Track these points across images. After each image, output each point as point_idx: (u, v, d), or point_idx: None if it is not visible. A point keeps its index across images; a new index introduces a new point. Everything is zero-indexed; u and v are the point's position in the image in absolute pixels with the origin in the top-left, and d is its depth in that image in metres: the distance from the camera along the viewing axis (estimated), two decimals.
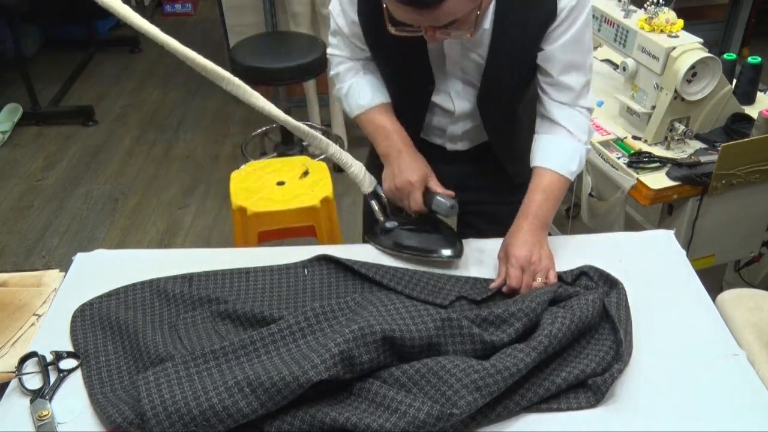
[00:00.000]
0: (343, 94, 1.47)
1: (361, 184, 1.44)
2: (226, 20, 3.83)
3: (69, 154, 3.72)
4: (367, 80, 1.45)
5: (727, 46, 4.06)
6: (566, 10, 1.26)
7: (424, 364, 1.05)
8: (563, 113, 1.36)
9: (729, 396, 1.09)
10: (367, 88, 1.44)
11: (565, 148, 1.36)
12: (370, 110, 1.44)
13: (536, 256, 1.29)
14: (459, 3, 1.10)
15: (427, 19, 1.12)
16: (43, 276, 1.39)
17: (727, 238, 1.98)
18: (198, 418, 0.97)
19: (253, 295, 1.31)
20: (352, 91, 1.45)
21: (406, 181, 1.35)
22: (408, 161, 1.38)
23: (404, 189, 1.36)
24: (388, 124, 1.42)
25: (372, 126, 1.44)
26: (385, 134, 1.42)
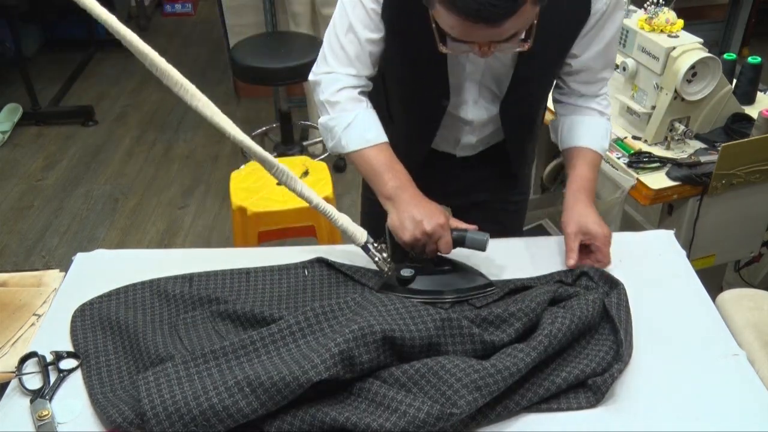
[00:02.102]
0: (344, 123, 1.31)
1: (352, 237, 1.31)
2: (226, 20, 3.83)
3: (69, 154, 3.72)
4: (372, 114, 1.35)
5: (727, 46, 4.06)
6: (599, 13, 1.26)
7: (424, 364, 1.05)
8: (594, 99, 1.41)
9: (729, 396, 1.09)
10: (374, 122, 1.33)
11: (600, 127, 1.41)
12: (378, 146, 1.31)
13: (605, 229, 1.32)
14: (522, 18, 1.06)
15: (492, 34, 1.08)
16: (43, 276, 1.39)
17: (727, 238, 1.98)
18: (198, 418, 0.97)
19: (253, 295, 1.31)
20: (358, 122, 1.31)
21: (437, 225, 1.24)
22: (427, 204, 1.27)
23: (436, 234, 1.24)
24: (395, 164, 1.31)
25: (376, 163, 1.31)
26: (393, 174, 1.30)
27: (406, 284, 1.27)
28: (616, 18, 1.30)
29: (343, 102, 1.32)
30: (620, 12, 1.30)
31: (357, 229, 1.32)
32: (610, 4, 1.26)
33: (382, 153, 1.31)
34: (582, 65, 1.35)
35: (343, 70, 1.33)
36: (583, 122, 1.42)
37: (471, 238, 1.25)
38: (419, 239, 1.25)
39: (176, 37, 5.05)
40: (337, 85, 1.32)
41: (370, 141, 1.31)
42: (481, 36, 1.08)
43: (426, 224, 1.23)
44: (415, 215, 1.25)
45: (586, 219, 1.32)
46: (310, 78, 1.38)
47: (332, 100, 1.32)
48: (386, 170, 1.30)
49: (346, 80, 1.33)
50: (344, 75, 1.33)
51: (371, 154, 1.31)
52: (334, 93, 1.32)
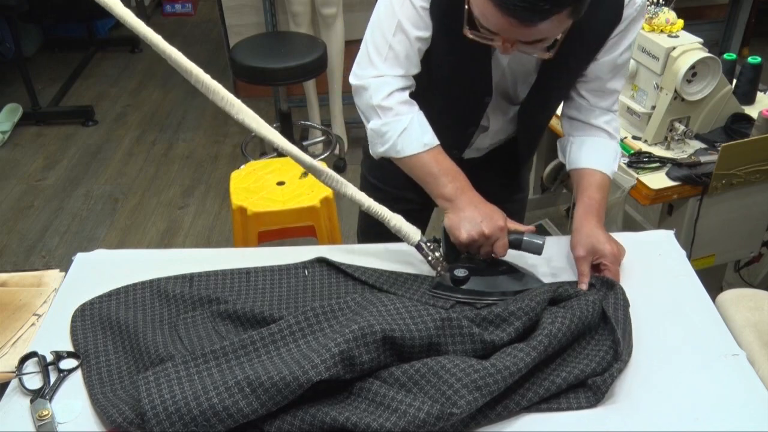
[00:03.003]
0: (401, 128, 1.30)
1: (406, 236, 1.31)
2: (226, 20, 3.83)
3: (69, 154, 3.72)
4: (424, 117, 1.33)
5: (727, 46, 4.06)
6: (627, 19, 1.25)
7: (424, 364, 1.05)
8: (603, 117, 1.39)
9: (729, 396, 1.09)
10: (428, 126, 1.32)
11: (610, 151, 1.39)
12: (434, 149, 1.31)
13: (615, 247, 1.30)
14: (554, 26, 1.06)
15: (521, 33, 1.08)
16: (43, 276, 1.39)
17: (727, 238, 1.98)
18: (198, 418, 0.97)
19: (253, 295, 1.31)
20: (414, 125, 1.30)
21: (497, 227, 1.24)
22: (486, 206, 1.27)
23: (494, 236, 1.24)
24: (453, 165, 1.31)
25: (435, 166, 1.30)
26: (453, 175, 1.30)
27: (459, 284, 1.27)
28: (638, 26, 1.29)
29: (395, 107, 1.30)
30: (641, 21, 1.29)
31: (410, 228, 1.32)
32: (639, 11, 1.25)
33: (439, 156, 1.31)
34: (596, 72, 1.33)
35: (393, 72, 1.30)
36: (592, 144, 1.39)
37: (528, 242, 1.26)
38: (476, 240, 1.25)
39: (176, 37, 5.04)
40: (388, 89, 1.30)
41: (427, 145, 1.30)
42: (510, 32, 1.08)
43: (485, 226, 1.24)
44: (475, 216, 1.25)
45: (594, 239, 1.29)
46: (353, 82, 1.34)
47: (384, 105, 1.30)
48: (445, 173, 1.30)
49: (396, 83, 1.31)
50: (393, 77, 1.30)
51: (428, 158, 1.30)
52: (386, 97, 1.30)
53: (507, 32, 1.09)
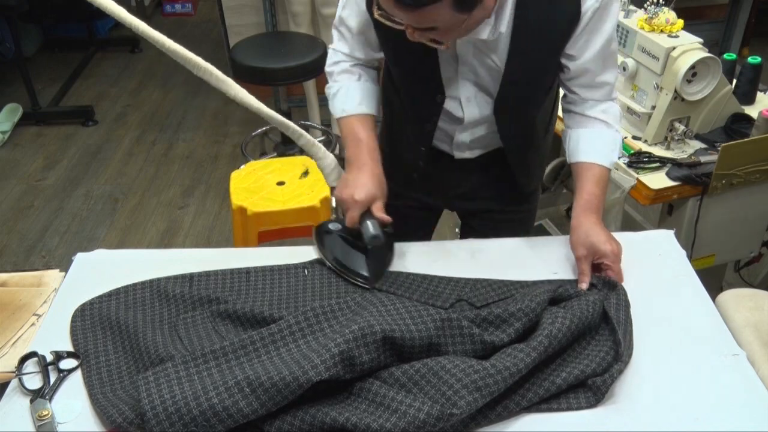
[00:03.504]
0: (332, 93, 1.45)
1: (327, 177, 1.50)
2: (226, 20, 3.83)
3: (69, 154, 3.72)
4: (359, 86, 1.44)
5: (727, 46, 4.06)
6: (591, 11, 1.23)
7: (424, 364, 1.05)
8: (599, 107, 1.37)
9: (729, 396, 1.09)
10: (357, 94, 1.43)
11: (606, 140, 1.37)
12: (352, 117, 1.42)
13: (613, 246, 1.30)
14: (442, 12, 1.07)
15: (407, 17, 1.11)
16: (43, 276, 1.39)
17: (727, 238, 1.98)
18: (198, 418, 0.97)
19: (253, 295, 1.31)
20: (341, 93, 1.43)
21: (350, 196, 1.32)
22: (365, 178, 1.34)
23: (347, 202, 1.33)
24: (362, 134, 1.40)
25: (347, 131, 1.42)
26: (356, 143, 1.39)
27: (324, 233, 1.40)
28: (610, 15, 1.26)
29: (335, 73, 1.46)
30: (613, 8, 1.26)
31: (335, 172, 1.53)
32: (601, 2, 1.23)
33: (355, 122, 1.42)
34: (581, 67, 1.32)
35: (341, 48, 1.45)
36: (589, 135, 1.38)
37: (364, 226, 1.32)
38: (338, 199, 1.37)
39: (176, 37, 5.01)
40: (335, 58, 1.47)
41: (346, 111, 1.42)
42: (398, 15, 1.12)
43: (345, 191, 1.34)
44: (349, 181, 1.36)
45: (594, 239, 1.30)
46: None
47: (328, 70, 1.48)
48: (353, 138, 1.41)
49: (342, 56, 1.45)
50: (341, 53, 1.45)
51: (345, 122, 1.43)
52: (331, 64, 1.47)
53: (397, 15, 1.12)
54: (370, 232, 1.30)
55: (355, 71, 1.45)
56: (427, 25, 1.12)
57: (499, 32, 1.23)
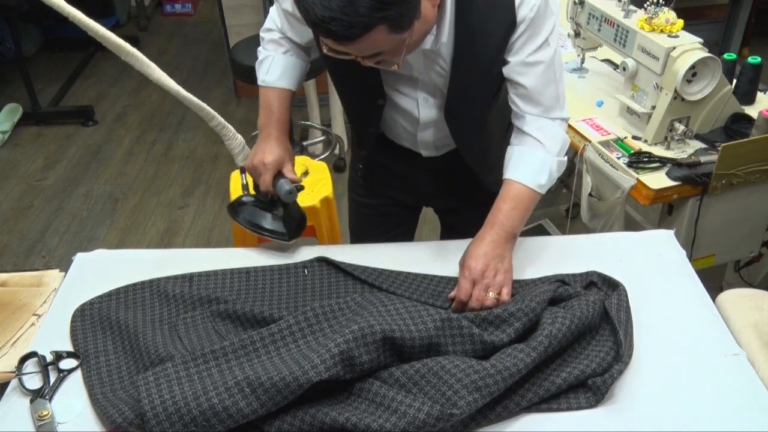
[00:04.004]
0: (259, 60, 1.48)
1: (235, 156, 1.59)
2: (226, 20, 3.83)
3: (69, 154, 3.72)
4: (283, 60, 1.46)
5: (727, 46, 4.05)
6: (527, 20, 1.23)
7: (424, 365, 1.05)
8: (535, 124, 1.32)
9: (729, 396, 1.09)
10: (279, 67, 1.45)
11: (535, 160, 1.31)
12: (269, 88, 1.46)
13: (492, 270, 1.24)
14: (380, 38, 1.06)
15: (349, 49, 1.10)
16: (43, 276, 1.39)
17: (727, 238, 1.98)
18: (198, 419, 0.97)
19: (253, 295, 1.31)
20: (265, 63, 1.46)
21: (261, 161, 1.38)
22: (272, 145, 1.41)
23: (258, 168, 1.39)
24: (274, 107, 1.45)
25: (263, 101, 1.46)
26: (267, 114, 1.45)
27: (239, 206, 1.45)
28: (544, 27, 1.24)
29: (265, 40, 1.48)
30: (547, 21, 1.24)
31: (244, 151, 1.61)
32: (537, 11, 1.22)
33: (271, 93, 1.45)
34: (517, 76, 1.29)
35: (275, 20, 1.47)
36: (519, 153, 1.33)
37: (278, 185, 1.39)
38: (250, 169, 1.42)
39: (176, 37, 5.04)
40: (269, 25, 1.48)
41: (266, 82, 1.46)
42: (342, 48, 1.10)
43: (255, 159, 1.40)
44: (257, 149, 1.42)
45: (470, 249, 1.28)
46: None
47: (261, 34, 1.49)
48: (266, 107, 1.46)
49: (275, 27, 1.47)
50: (275, 24, 1.47)
51: (263, 92, 1.47)
52: (265, 30, 1.48)
53: (338, 47, 1.10)
54: (285, 189, 1.37)
55: (284, 44, 1.46)
56: (371, 53, 1.12)
57: (442, 42, 1.24)
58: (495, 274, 1.24)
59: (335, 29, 1.02)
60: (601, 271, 1.30)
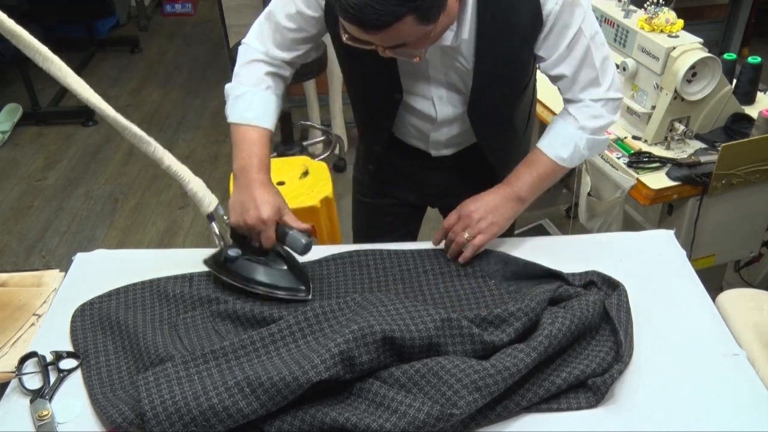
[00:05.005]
0: (234, 95, 1.35)
1: (199, 203, 1.31)
2: (226, 20, 3.83)
3: (69, 154, 3.72)
4: (265, 98, 1.36)
5: (727, 46, 4.05)
6: (553, 14, 1.23)
7: (424, 364, 1.05)
8: (575, 104, 1.35)
9: (729, 396, 1.09)
10: (260, 105, 1.35)
11: (563, 133, 1.35)
12: (250, 127, 1.34)
13: (480, 214, 1.29)
14: (407, 28, 1.06)
15: (374, 38, 1.09)
16: (43, 276, 1.39)
17: (727, 238, 1.98)
18: (198, 419, 0.97)
19: (253, 295, 1.31)
20: (245, 99, 1.34)
21: (258, 219, 1.25)
22: (261, 193, 1.27)
23: (257, 227, 1.26)
24: (258, 147, 1.33)
25: (240, 140, 1.33)
26: (247, 156, 1.31)
27: (226, 263, 1.29)
28: (574, 17, 1.24)
29: (243, 76, 1.36)
30: (577, 10, 1.24)
31: (207, 195, 1.33)
32: (563, 4, 1.22)
33: (250, 133, 1.33)
34: (553, 69, 1.31)
35: (255, 46, 1.37)
36: (551, 124, 1.38)
37: (292, 238, 1.26)
38: (241, 226, 1.28)
39: (176, 37, 5.04)
40: (248, 57, 1.37)
41: (245, 119, 1.33)
42: (364, 36, 1.09)
43: (248, 216, 1.26)
44: (245, 202, 1.27)
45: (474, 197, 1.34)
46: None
47: (237, 71, 1.38)
48: (245, 149, 1.32)
49: (257, 55, 1.36)
50: (255, 50, 1.37)
51: (240, 131, 1.34)
52: (243, 65, 1.37)
53: (363, 36, 1.09)
54: (301, 242, 1.25)
55: (266, 80, 1.37)
56: (395, 43, 1.11)
57: (463, 38, 1.23)
58: (480, 219, 1.30)
59: (366, 18, 1.02)
60: (601, 271, 1.30)
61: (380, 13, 1.01)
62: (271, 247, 1.28)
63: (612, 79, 1.33)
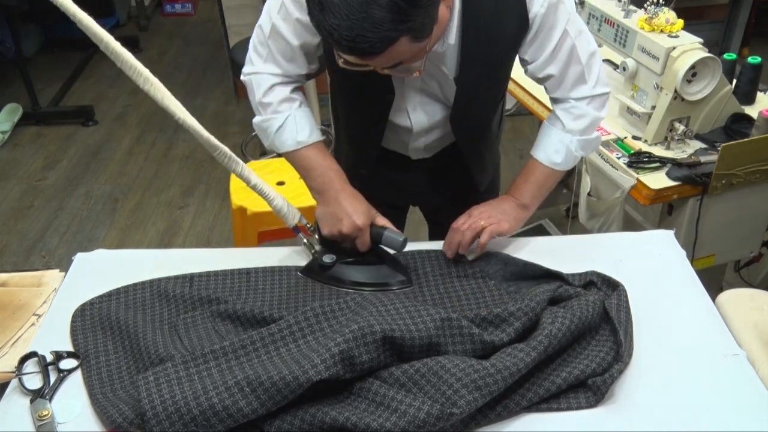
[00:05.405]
0: (277, 126, 1.35)
1: (284, 218, 1.37)
2: (226, 20, 3.83)
3: (69, 154, 3.72)
4: (305, 114, 1.37)
5: (727, 46, 4.06)
6: (539, 17, 1.22)
7: (424, 364, 1.05)
8: (561, 105, 1.36)
9: (729, 396, 1.09)
10: (306, 123, 1.36)
11: (552, 139, 1.37)
12: (307, 147, 1.36)
13: (489, 213, 1.32)
14: (402, 49, 1.04)
15: (371, 62, 1.08)
16: (43, 276, 1.39)
17: (727, 238, 1.98)
18: (198, 418, 0.97)
19: (253, 295, 1.31)
20: (289, 124, 1.35)
21: (354, 226, 1.29)
22: (351, 203, 1.31)
23: (352, 234, 1.30)
24: (325, 160, 1.36)
25: (307, 162, 1.36)
26: (321, 172, 1.35)
27: (324, 270, 1.33)
28: (559, 19, 1.24)
29: (275, 104, 1.34)
30: (560, 12, 1.24)
31: (291, 210, 1.37)
32: (548, 6, 1.22)
33: (312, 151, 1.36)
34: (541, 71, 1.31)
35: (268, 70, 1.33)
36: (540, 131, 1.40)
37: (388, 238, 1.31)
38: (336, 236, 1.31)
39: (176, 37, 5.04)
40: (266, 85, 1.34)
41: (302, 143, 1.35)
42: (361, 62, 1.08)
43: (343, 225, 1.29)
44: (337, 213, 1.31)
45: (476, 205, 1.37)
46: (241, 78, 1.38)
47: (265, 101, 1.35)
48: (316, 166, 1.35)
49: (272, 79, 1.34)
50: (269, 75, 1.34)
51: (303, 154, 1.36)
52: (265, 93, 1.34)
53: (359, 62, 1.08)
54: (398, 240, 1.30)
55: (295, 98, 1.37)
56: (392, 63, 1.10)
57: (449, 43, 1.22)
58: (490, 217, 1.33)
59: (361, 47, 1.01)
60: (601, 271, 1.30)
61: (374, 41, 1.00)
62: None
63: (598, 75, 1.33)
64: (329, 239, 1.34)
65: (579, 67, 1.31)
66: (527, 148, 1.47)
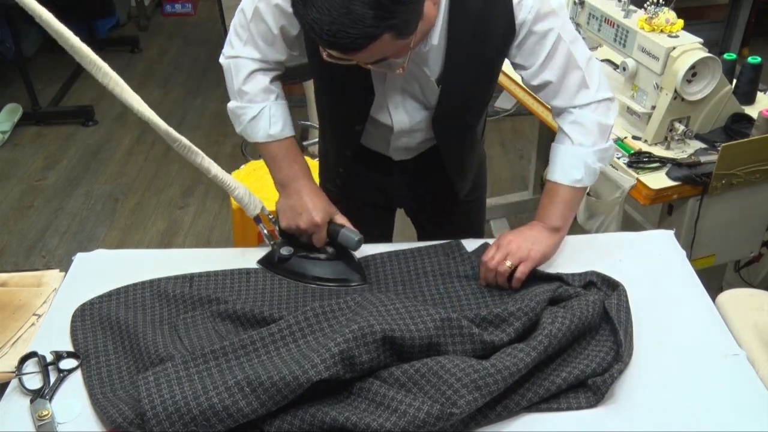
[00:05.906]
0: (251, 116, 1.36)
1: (245, 207, 1.38)
2: (226, 20, 3.82)
3: (69, 154, 3.72)
4: (280, 108, 1.38)
5: (727, 46, 4.06)
6: (527, 24, 1.21)
7: (424, 364, 1.05)
8: (567, 118, 1.33)
9: (729, 396, 1.09)
10: (280, 117, 1.37)
11: (567, 157, 1.34)
12: (279, 141, 1.38)
13: (519, 244, 1.29)
14: (385, 45, 1.04)
15: (354, 57, 1.08)
16: (43, 276, 1.39)
17: (727, 238, 1.98)
18: (198, 418, 0.97)
19: (253, 295, 1.31)
20: (264, 116, 1.36)
21: (312, 222, 1.32)
22: (311, 198, 1.33)
23: (309, 230, 1.32)
24: (292, 154, 1.38)
25: (275, 154, 1.38)
26: (287, 165, 1.37)
27: (282, 262, 1.35)
28: (549, 25, 1.23)
29: (251, 93, 1.35)
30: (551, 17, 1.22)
31: (252, 200, 1.39)
32: (537, 14, 1.21)
33: (282, 145, 1.38)
34: (536, 78, 1.29)
35: (248, 54, 1.33)
36: (553, 151, 1.37)
37: (344, 236, 1.33)
38: (294, 229, 1.34)
39: (176, 37, 5.04)
40: (246, 70, 1.34)
41: (272, 137, 1.37)
42: (344, 57, 1.08)
43: (301, 220, 1.32)
44: (297, 206, 1.34)
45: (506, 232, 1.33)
46: (220, 61, 1.38)
47: (243, 89, 1.35)
48: (283, 159, 1.37)
49: (252, 64, 1.34)
50: (249, 59, 1.33)
51: (272, 146, 1.38)
52: (245, 80, 1.35)
53: (342, 56, 1.08)
54: (354, 239, 1.32)
55: (273, 90, 1.38)
56: (376, 59, 1.10)
57: (432, 44, 1.21)
58: (520, 248, 1.29)
59: (342, 42, 1.01)
60: (601, 271, 1.30)
61: (355, 37, 1.00)
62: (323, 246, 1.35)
63: (599, 79, 1.32)
64: (288, 232, 1.37)
65: (579, 72, 1.29)
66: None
